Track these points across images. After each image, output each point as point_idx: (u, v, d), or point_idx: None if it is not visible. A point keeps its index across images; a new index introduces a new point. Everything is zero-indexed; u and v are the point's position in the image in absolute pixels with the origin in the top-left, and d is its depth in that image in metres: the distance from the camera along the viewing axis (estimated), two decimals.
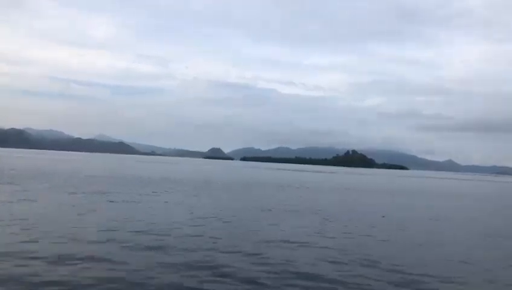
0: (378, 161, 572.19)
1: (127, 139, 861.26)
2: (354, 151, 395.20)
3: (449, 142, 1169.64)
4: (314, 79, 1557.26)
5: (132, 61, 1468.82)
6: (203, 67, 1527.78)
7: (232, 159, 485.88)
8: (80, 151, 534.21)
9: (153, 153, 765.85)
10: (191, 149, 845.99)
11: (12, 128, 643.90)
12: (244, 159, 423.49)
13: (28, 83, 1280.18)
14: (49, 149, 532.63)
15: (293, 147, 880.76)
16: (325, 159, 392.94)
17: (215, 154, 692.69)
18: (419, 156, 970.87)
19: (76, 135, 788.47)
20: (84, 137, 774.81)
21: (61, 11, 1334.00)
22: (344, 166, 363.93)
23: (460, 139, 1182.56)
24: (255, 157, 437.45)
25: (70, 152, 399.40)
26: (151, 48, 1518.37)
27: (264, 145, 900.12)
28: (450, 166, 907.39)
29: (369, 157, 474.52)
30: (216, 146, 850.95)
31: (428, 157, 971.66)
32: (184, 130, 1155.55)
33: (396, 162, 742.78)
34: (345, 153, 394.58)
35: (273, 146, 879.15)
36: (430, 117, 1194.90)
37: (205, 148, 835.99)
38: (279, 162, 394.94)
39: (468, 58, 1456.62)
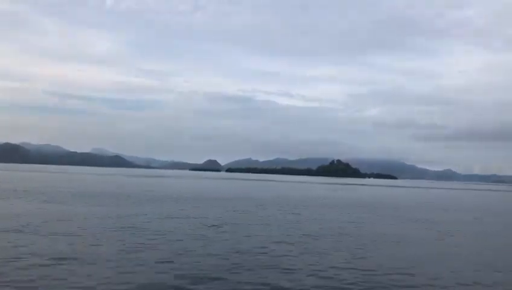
0: (376, 170, 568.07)
1: (124, 152, 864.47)
2: (338, 161, 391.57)
3: (448, 152, 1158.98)
4: (313, 90, 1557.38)
5: (131, 75, 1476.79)
6: (202, 81, 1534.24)
7: (218, 171, 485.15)
8: (75, 165, 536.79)
9: (148, 166, 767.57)
10: (187, 161, 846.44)
11: (6, 143, 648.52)
12: (229, 170, 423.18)
13: (27, 99, 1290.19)
14: (41, 164, 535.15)
15: (291, 157, 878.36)
16: (309, 169, 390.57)
17: (210, 166, 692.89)
18: (418, 165, 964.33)
19: (73, 149, 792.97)
20: (80, 151, 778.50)
21: (61, 27, 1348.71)
22: (327, 176, 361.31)
23: (460, 148, 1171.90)
24: (240, 168, 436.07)
25: (61, 166, 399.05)
26: (150, 63, 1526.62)
27: (262, 157, 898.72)
28: (449, 175, 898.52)
29: (355, 166, 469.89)
30: (213, 158, 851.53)
31: (428, 167, 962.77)
32: (182, 143, 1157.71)
33: (394, 172, 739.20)
34: (330, 163, 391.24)
35: (271, 157, 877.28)
36: (429, 127, 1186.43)
37: (202, 161, 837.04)
38: (265, 173, 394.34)
39: (466, 68, 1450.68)
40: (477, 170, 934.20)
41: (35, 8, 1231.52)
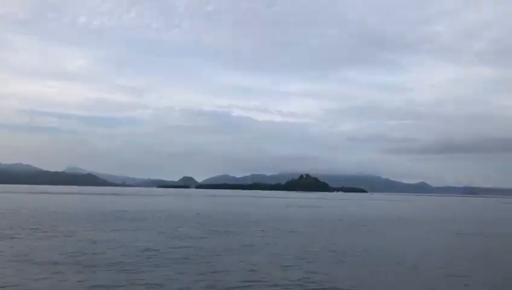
0: (351, 184, 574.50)
1: (98, 170, 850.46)
2: (307, 175, 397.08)
3: (421, 165, 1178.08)
4: (290, 106, 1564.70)
5: (105, 92, 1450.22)
6: (178, 97, 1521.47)
7: (188, 187, 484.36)
8: (47, 184, 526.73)
9: (123, 184, 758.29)
10: (164, 179, 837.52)
11: None
12: (199, 187, 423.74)
13: None
14: (12, 183, 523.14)
15: (268, 173, 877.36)
16: (278, 184, 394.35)
17: (186, 184, 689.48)
18: (392, 179, 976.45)
19: (45, 168, 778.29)
20: (53, 170, 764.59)
21: (33, 44, 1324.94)
22: (296, 190, 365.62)
23: (433, 161, 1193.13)
24: (211, 185, 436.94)
25: (32, 186, 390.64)
26: (125, 80, 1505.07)
27: (238, 173, 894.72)
28: (423, 188, 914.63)
29: (330, 181, 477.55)
30: (189, 175, 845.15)
31: (402, 180, 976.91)
32: (158, 160, 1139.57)
33: (369, 186, 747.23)
34: (299, 177, 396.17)
35: (248, 173, 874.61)
36: (403, 140, 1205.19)
37: (178, 178, 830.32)
38: (237, 189, 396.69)
39: (436, 82, 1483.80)
40: (449, 182, 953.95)
41: (6, 25, 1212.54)
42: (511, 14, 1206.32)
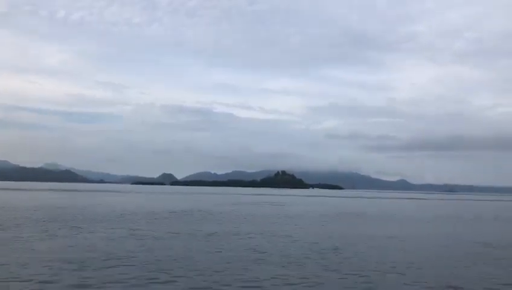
0: (331, 181, 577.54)
1: (78, 167, 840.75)
2: (283, 172, 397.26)
3: (402, 162, 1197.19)
4: (272, 103, 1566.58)
5: (85, 88, 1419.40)
6: (159, 93, 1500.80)
7: (163, 184, 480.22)
8: (24, 181, 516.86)
9: (101, 181, 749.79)
10: (143, 175, 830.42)
11: None
12: (174, 183, 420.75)
13: None
14: None
15: (249, 170, 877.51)
16: (254, 181, 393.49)
17: (165, 180, 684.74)
18: (373, 176, 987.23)
19: (23, 164, 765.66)
20: (30, 166, 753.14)
21: (10, 38, 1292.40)
22: (271, 187, 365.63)
23: (413, 159, 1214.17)
24: (187, 181, 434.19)
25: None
26: (105, 75, 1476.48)
27: (220, 170, 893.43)
28: (402, 185, 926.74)
29: (308, 178, 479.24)
30: (168, 172, 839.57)
31: (382, 178, 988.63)
32: (137, 157, 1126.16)
33: (349, 183, 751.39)
34: (275, 174, 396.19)
35: (229, 170, 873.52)
36: (383, 138, 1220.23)
37: (158, 174, 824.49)
38: (213, 186, 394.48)
39: (416, 81, 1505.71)
40: (429, 180, 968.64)
41: None
42: (490, 15, 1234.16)
